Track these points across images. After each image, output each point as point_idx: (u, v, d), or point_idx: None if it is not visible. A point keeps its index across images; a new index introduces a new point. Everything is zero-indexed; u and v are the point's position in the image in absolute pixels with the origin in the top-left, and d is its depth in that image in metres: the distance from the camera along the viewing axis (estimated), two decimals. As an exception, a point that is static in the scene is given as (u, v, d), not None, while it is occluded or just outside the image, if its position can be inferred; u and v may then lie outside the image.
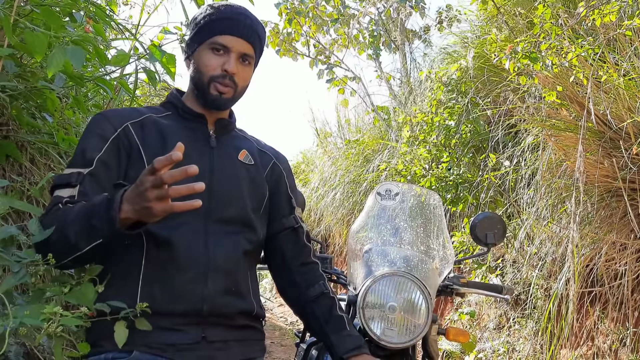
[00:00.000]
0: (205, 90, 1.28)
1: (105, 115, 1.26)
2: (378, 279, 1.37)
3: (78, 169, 1.16)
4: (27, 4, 1.57)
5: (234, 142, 1.37)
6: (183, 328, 1.15)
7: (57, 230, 1.07)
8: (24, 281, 1.00)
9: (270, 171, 1.42)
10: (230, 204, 1.27)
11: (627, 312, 2.71)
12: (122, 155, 1.21)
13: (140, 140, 1.22)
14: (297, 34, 6.60)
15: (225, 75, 1.26)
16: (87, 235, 1.05)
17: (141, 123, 1.26)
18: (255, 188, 1.34)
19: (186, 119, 1.32)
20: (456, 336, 1.51)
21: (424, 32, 6.26)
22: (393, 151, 5.34)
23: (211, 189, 1.23)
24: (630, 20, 2.44)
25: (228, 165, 1.31)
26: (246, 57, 1.29)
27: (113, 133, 1.21)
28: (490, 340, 3.53)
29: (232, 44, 1.26)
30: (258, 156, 1.40)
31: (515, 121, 3.68)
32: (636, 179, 2.52)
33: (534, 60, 2.61)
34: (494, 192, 3.73)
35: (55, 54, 1.25)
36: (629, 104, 2.50)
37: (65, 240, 1.06)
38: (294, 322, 6.48)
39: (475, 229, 1.74)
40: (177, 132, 1.26)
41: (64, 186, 1.15)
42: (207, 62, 1.27)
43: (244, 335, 1.27)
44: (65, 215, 1.08)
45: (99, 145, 1.19)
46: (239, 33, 1.27)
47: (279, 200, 1.41)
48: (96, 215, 1.03)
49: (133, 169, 1.20)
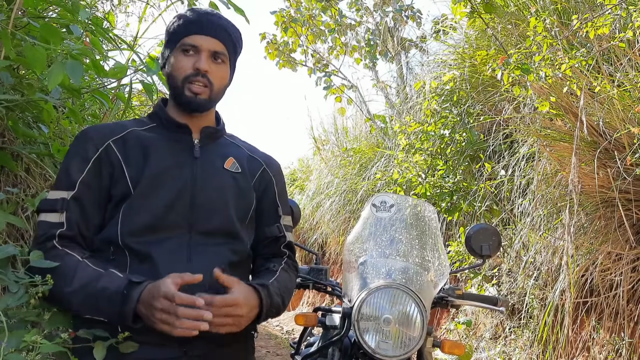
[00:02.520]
0: (180, 93, 1.27)
1: (88, 134, 1.25)
2: (373, 291, 1.36)
3: (62, 194, 1.18)
4: (25, 15, 1.58)
5: (220, 150, 1.35)
6: (164, 343, 1.13)
7: (57, 285, 1.09)
8: (22, 302, 1.00)
9: (259, 178, 1.39)
10: (214, 215, 1.26)
11: (622, 323, 2.71)
12: (104, 175, 1.21)
13: (122, 158, 1.22)
14: (295, 43, 6.63)
15: (198, 73, 1.25)
16: (90, 310, 1.10)
17: (123, 139, 1.25)
18: (241, 197, 1.32)
19: (170, 129, 1.30)
20: (451, 349, 1.51)
21: (421, 41, 6.30)
22: (389, 159, 5.35)
23: (194, 201, 1.23)
24: (623, 33, 2.46)
25: (212, 175, 1.29)
26: (218, 54, 1.28)
27: (95, 153, 1.22)
28: (487, 350, 3.52)
29: (201, 43, 1.26)
30: (247, 163, 1.38)
31: (511, 131, 3.69)
32: (631, 189, 2.53)
33: (526, 72, 2.63)
34: (490, 201, 3.74)
35: (54, 68, 1.26)
36: (623, 115, 2.52)
37: (66, 302, 1.11)
38: (289, 331, 6.46)
39: (470, 240, 1.75)
40: (160, 146, 1.26)
41: (49, 211, 1.17)
42: (179, 64, 1.27)
43: (229, 350, 1.25)
44: (67, 273, 1.10)
45: (81, 166, 1.20)
46: (207, 31, 1.27)
47: (264, 209, 1.39)
48: (108, 302, 1.09)
49: (116, 188, 1.20)
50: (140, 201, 1.19)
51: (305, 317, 1.62)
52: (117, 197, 1.20)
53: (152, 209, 1.19)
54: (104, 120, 2.06)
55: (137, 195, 1.19)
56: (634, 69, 2.68)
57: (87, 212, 1.19)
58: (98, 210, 1.20)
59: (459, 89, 4.11)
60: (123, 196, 1.19)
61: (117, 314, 1.08)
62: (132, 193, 1.19)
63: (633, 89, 2.59)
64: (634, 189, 2.53)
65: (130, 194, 1.19)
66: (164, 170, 1.23)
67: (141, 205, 1.19)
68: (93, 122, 2.10)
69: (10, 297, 0.99)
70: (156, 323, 1.06)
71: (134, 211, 1.18)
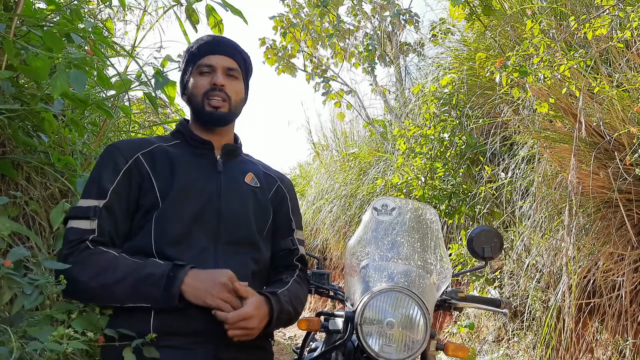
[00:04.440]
0: (201, 110, 1.35)
1: (118, 147, 1.32)
2: (376, 295, 1.36)
3: (94, 202, 1.23)
4: (24, 24, 1.58)
5: (240, 166, 1.43)
6: (195, 347, 1.18)
7: (98, 279, 1.14)
8: (37, 303, 1.01)
9: (275, 193, 1.48)
10: (239, 225, 1.32)
11: (625, 324, 2.70)
12: (134, 186, 1.27)
13: (151, 170, 1.29)
14: (294, 49, 6.65)
15: (215, 88, 1.34)
16: (135, 298, 1.15)
17: (151, 153, 1.32)
18: (261, 210, 1.40)
19: (194, 146, 1.38)
20: (455, 351, 1.50)
21: (419, 45, 6.31)
22: (389, 163, 5.35)
23: (220, 212, 1.30)
24: (622, 33, 2.47)
25: (235, 188, 1.36)
26: (231, 70, 1.37)
27: (125, 164, 1.28)
28: (490, 353, 3.51)
29: (216, 62, 1.36)
30: (264, 178, 1.46)
31: (510, 133, 3.70)
32: (631, 190, 2.53)
33: (524, 74, 2.63)
34: (491, 203, 3.73)
35: (58, 77, 1.28)
36: (622, 115, 2.52)
37: (110, 293, 1.15)
38: (292, 337, 6.44)
39: (472, 242, 1.74)
40: (185, 160, 1.33)
41: (80, 218, 1.21)
42: (197, 83, 1.36)
43: (254, 356, 1.31)
44: (108, 265, 1.15)
45: (112, 177, 1.26)
46: (220, 51, 1.37)
47: (279, 223, 1.47)
48: (153, 285, 1.15)
49: (145, 199, 1.26)
50: (171, 211, 1.25)
51: (308, 322, 1.61)
52: (146, 207, 1.26)
53: (183, 219, 1.25)
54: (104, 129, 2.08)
55: (166, 205, 1.25)
56: (633, 69, 2.68)
57: (118, 220, 1.24)
58: (127, 219, 1.26)
59: (457, 92, 4.12)
60: (151, 207, 1.25)
61: (162, 296, 1.13)
62: (160, 204, 1.25)
63: (632, 89, 2.59)
64: (634, 189, 2.53)
65: (159, 204, 1.25)
66: (190, 182, 1.30)
67: (172, 216, 1.25)
68: (93, 131, 2.11)
69: (25, 299, 1.00)
70: (210, 303, 1.16)
71: (165, 221, 1.24)
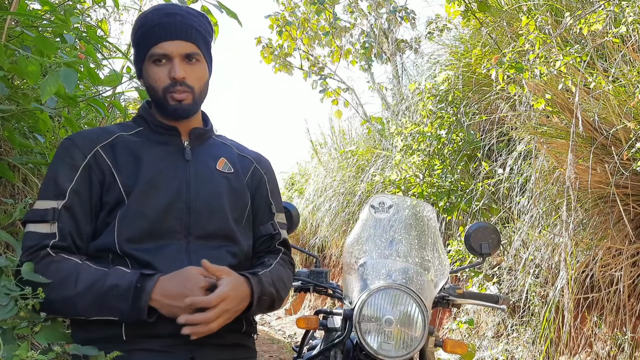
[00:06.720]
0: (163, 104, 1.23)
1: (74, 140, 1.21)
2: (374, 292, 1.36)
3: (52, 203, 1.14)
4: (18, 25, 1.58)
5: (211, 151, 1.32)
6: (171, 350, 1.13)
7: (58, 291, 1.06)
8: (11, 315, 0.97)
9: (251, 176, 1.37)
10: (211, 218, 1.23)
11: (624, 318, 2.71)
12: (95, 182, 1.18)
13: (112, 164, 1.19)
14: (291, 47, 6.64)
15: (175, 83, 1.21)
16: (100, 311, 1.08)
17: (112, 145, 1.21)
18: (236, 198, 1.30)
19: (158, 133, 1.27)
20: (454, 348, 1.51)
21: (415, 42, 6.31)
22: (387, 160, 5.35)
23: (189, 206, 1.21)
24: (617, 28, 2.47)
25: (206, 178, 1.26)
26: (191, 56, 1.23)
27: (83, 160, 1.18)
28: (489, 348, 3.52)
29: (170, 49, 1.20)
30: (238, 161, 1.35)
31: (507, 129, 3.70)
32: (629, 184, 2.54)
33: (519, 70, 2.63)
34: (488, 199, 3.74)
35: (49, 79, 1.25)
36: (619, 110, 2.53)
37: (72, 307, 1.08)
38: (291, 335, 6.44)
39: (470, 239, 1.75)
40: (150, 150, 1.23)
41: (39, 221, 1.12)
42: (154, 76, 1.22)
43: (233, 355, 1.24)
44: (68, 275, 1.08)
45: (70, 174, 1.16)
46: (173, 35, 1.21)
47: (257, 207, 1.36)
48: (119, 298, 1.07)
49: (108, 195, 1.17)
50: (135, 208, 1.16)
51: (306, 320, 1.62)
52: (110, 204, 1.17)
53: (149, 215, 1.17)
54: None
55: (131, 202, 1.16)
56: (628, 63, 2.68)
57: (80, 221, 1.15)
58: (90, 218, 1.17)
59: (454, 89, 4.12)
60: (116, 203, 1.17)
61: (130, 310, 1.06)
62: (125, 200, 1.16)
63: (628, 84, 2.60)
64: (631, 184, 2.54)
65: (124, 201, 1.16)
66: (156, 175, 1.20)
67: (136, 212, 1.16)
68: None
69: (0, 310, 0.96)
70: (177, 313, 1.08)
71: (130, 218, 1.16)
